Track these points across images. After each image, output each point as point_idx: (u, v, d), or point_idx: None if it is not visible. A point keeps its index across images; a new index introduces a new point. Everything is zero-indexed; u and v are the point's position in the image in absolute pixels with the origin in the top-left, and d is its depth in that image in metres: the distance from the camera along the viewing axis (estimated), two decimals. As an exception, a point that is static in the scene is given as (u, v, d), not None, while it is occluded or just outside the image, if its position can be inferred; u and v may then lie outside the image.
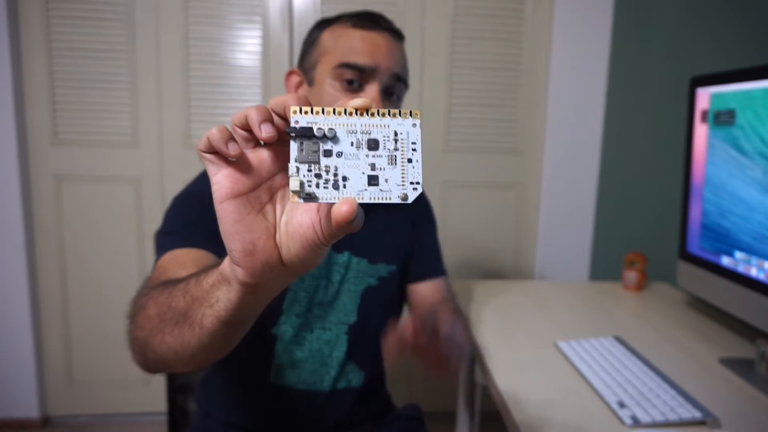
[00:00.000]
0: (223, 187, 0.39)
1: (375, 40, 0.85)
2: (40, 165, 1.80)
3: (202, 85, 1.79)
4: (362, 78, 0.83)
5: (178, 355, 0.53)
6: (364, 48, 0.84)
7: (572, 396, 0.86)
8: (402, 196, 0.37)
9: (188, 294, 0.49)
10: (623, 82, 1.84)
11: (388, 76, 0.84)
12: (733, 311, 1.06)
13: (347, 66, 0.83)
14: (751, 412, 0.83)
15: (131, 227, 1.85)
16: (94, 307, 1.87)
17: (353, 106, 0.37)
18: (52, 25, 1.71)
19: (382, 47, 0.84)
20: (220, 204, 0.40)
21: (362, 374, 0.93)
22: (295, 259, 0.40)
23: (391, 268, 0.95)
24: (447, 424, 1.57)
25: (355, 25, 0.85)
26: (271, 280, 0.42)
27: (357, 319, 0.91)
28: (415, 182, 0.37)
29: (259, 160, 0.40)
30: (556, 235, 1.91)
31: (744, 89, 1.00)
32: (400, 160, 0.37)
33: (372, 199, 0.37)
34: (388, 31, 0.87)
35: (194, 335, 0.49)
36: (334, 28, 0.87)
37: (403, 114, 0.38)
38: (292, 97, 0.37)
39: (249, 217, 0.40)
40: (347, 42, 0.84)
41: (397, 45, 0.88)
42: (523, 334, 1.10)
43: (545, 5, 1.83)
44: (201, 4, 1.75)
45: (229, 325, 0.47)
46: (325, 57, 0.86)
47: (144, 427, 1.92)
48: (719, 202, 1.08)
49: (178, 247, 0.76)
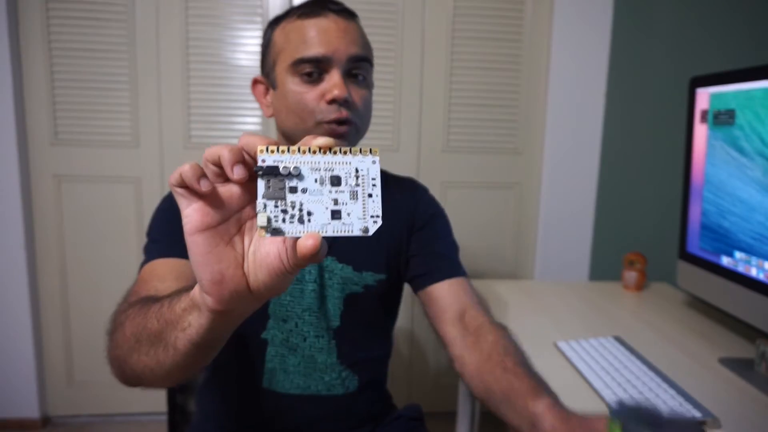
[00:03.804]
0: (194, 220, 0.41)
1: (324, 25, 0.81)
2: (40, 165, 1.80)
3: (202, 85, 1.79)
4: (320, 68, 0.81)
5: (155, 373, 0.55)
6: (315, 37, 0.80)
7: (572, 396, 0.86)
8: (363, 229, 0.39)
9: (162, 317, 0.52)
10: (623, 82, 1.84)
11: (346, 59, 0.81)
12: (733, 311, 1.06)
13: (302, 61, 0.80)
14: (751, 412, 0.83)
15: (131, 227, 1.85)
16: (94, 307, 1.87)
17: (317, 144, 0.39)
18: (51, 25, 1.71)
19: (333, 32, 0.81)
20: (190, 237, 0.42)
21: (357, 378, 0.92)
22: (262, 286, 0.42)
23: (379, 277, 0.91)
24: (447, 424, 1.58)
25: (301, 16, 0.82)
26: (239, 306, 0.44)
27: (340, 324, 0.90)
28: (375, 215, 0.40)
29: (229, 194, 0.42)
30: (556, 235, 1.91)
31: (744, 89, 1.00)
32: (361, 195, 0.40)
33: (335, 233, 0.39)
34: (336, 13, 0.83)
35: (168, 356, 0.52)
36: (283, 24, 0.85)
37: (363, 151, 0.40)
38: (261, 138, 0.39)
39: (218, 249, 0.42)
40: (297, 36, 0.82)
41: (350, 24, 0.84)
42: (523, 334, 1.10)
43: (545, 5, 1.83)
44: (201, 4, 1.75)
45: (202, 347, 0.49)
46: (281, 56, 0.84)
47: (144, 427, 1.92)
48: (719, 203, 1.08)
49: (160, 256, 0.78)
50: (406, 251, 0.94)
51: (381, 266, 0.92)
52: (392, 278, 0.94)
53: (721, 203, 1.08)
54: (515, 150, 1.92)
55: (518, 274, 1.99)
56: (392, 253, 0.93)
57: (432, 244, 0.95)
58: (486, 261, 1.94)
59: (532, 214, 1.94)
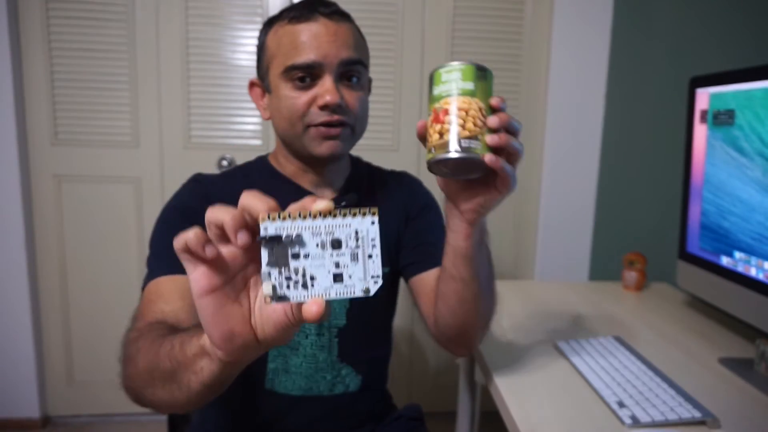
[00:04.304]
0: (201, 284, 0.43)
1: (314, 30, 0.80)
2: (40, 165, 1.80)
3: (202, 85, 1.79)
4: (312, 74, 0.80)
5: (170, 405, 0.58)
6: (306, 43, 0.80)
7: (572, 396, 0.86)
8: (364, 290, 0.42)
9: (174, 359, 0.54)
10: (623, 82, 1.84)
11: (338, 64, 0.81)
12: (732, 311, 1.06)
13: (293, 68, 0.80)
14: (750, 412, 0.83)
15: (131, 227, 1.85)
16: (94, 307, 1.88)
17: (317, 209, 0.41)
18: (52, 25, 1.71)
19: (324, 36, 0.80)
20: (199, 300, 0.43)
21: (359, 378, 0.92)
22: (269, 338, 0.44)
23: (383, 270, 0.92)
24: (447, 424, 1.58)
25: (292, 20, 0.81)
26: (248, 355, 0.47)
27: (346, 322, 0.90)
28: (375, 276, 0.42)
29: (233, 255, 0.43)
30: (556, 235, 1.91)
31: (743, 89, 1.00)
32: (361, 256, 0.42)
33: (338, 295, 0.41)
34: (327, 16, 0.81)
35: (183, 393, 0.54)
36: (275, 28, 0.84)
37: (362, 212, 0.42)
38: (261, 200, 0.41)
39: (226, 308, 0.44)
40: (288, 41, 0.81)
41: (341, 27, 0.82)
42: (523, 334, 1.10)
43: (545, 5, 1.83)
44: (201, 4, 1.75)
45: (215, 387, 0.52)
46: (274, 62, 0.83)
47: (144, 427, 1.92)
48: (719, 203, 1.08)
49: (163, 273, 0.78)
50: (401, 241, 0.96)
51: (384, 259, 0.92)
52: (393, 270, 0.96)
53: (720, 203, 1.08)
54: (515, 150, 1.91)
55: (518, 274, 1.99)
56: (392, 245, 0.94)
57: (424, 233, 0.96)
58: (486, 261, 1.93)
59: (532, 214, 1.94)
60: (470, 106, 0.62)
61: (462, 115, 0.62)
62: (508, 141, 0.62)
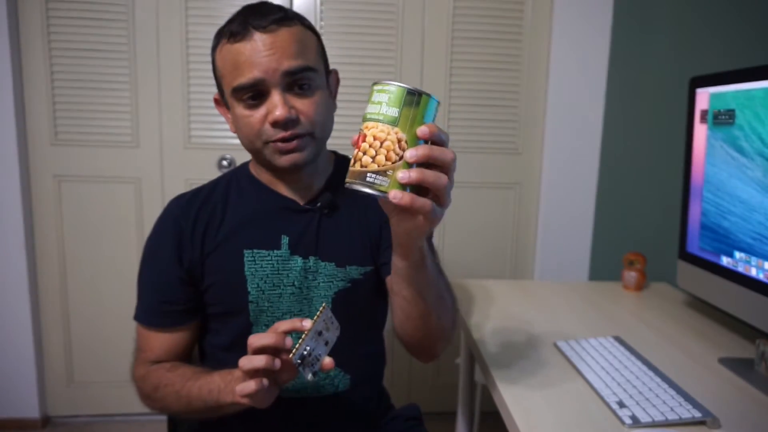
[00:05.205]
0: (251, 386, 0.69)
1: (251, 48, 0.78)
2: (40, 165, 1.80)
3: (202, 85, 1.79)
4: (259, 90, 0.79)
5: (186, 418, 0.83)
6: (246, 62, 0.78)
7: (572, 396, 0.86)
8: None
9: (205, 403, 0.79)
10: (623, 82, 1.84)
11: (280, 76, 0.78)
12: (732, 311, 1.06)
13: (239, 89, 0.79)
14: (750, 412, 0.83)
15: (131, 227, 1.85)
16: (94, 308, 1.88)
17: (307, 326, 0.68)
18: (51, 25, 1.72)
19: (262, 51, 0.78)
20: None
21: (348, 377, 0.92)
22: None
23: (365, 270, 0.91)
24: (447, 424, 1.58)
25: (230, 39, 0.80)
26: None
27: None
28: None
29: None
30: (555, 235, 1.91)
31: (743, 89, 1.00)
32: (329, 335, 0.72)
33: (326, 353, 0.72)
34: (261, 30, 0.78)
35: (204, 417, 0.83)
36: (219, 47, 0.83)
37: (320, 311, 0.70)
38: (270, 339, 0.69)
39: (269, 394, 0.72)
40: (231, 62, 0.80)
41: (278, 37, 0.79)
42: (523, 334, 1.10)
43: (545, 5, 1.83)
44: (201, 4, 1.75)
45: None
46: (223, 82, 0.83)
47: (144, 427, 1.92)
48: (719, 203, 1.08)
49: (150, 325, 0.89)
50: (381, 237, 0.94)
51: (367, 259, 0.91)
52: (376, 267, 0.94)
53: (720, 203, 1.08)
54: (515, 150, 1.92)
55: (518, 274, 1.99)
56: (373, 241, 0.93)
57: None
58: (486, 261, 1.94)
59: (532, 214, 1.94)
60: (387, 136, 0.58)
61: (376, 146, 0.58)
62: (422, 177, 0.58)
